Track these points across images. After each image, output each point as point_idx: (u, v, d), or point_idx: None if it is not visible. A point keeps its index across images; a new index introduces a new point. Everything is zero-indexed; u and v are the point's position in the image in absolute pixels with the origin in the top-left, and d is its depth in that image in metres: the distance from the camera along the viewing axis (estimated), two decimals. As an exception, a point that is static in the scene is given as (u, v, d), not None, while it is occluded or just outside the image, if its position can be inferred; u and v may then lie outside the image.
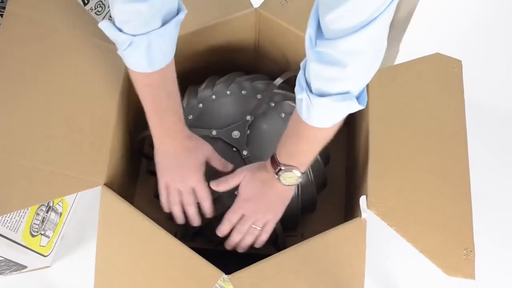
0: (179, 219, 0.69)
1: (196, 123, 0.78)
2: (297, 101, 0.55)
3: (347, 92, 0.50)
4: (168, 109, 0.62)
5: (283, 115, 0.78)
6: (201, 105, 0.79)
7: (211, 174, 0.69)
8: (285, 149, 0.59)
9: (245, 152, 0.74)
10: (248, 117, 0.76)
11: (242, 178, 0.66)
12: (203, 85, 0.82)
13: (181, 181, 0.66)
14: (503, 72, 1.27)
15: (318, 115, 0.53)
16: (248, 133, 0.76)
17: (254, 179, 0.64)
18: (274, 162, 0.60)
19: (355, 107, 0.51)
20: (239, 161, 0.74)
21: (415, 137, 0.70)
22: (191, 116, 0.78)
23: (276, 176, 0.60)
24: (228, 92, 0.80)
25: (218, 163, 0.69)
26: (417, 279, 0.99)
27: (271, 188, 0.63)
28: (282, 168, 0.59)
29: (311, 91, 0.51)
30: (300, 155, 0.59)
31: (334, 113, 0.53)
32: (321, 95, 0.50)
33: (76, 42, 0.73)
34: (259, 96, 0.79)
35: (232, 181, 0.66)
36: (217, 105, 0.79)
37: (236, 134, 0.75)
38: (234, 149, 0.75)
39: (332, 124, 0.55)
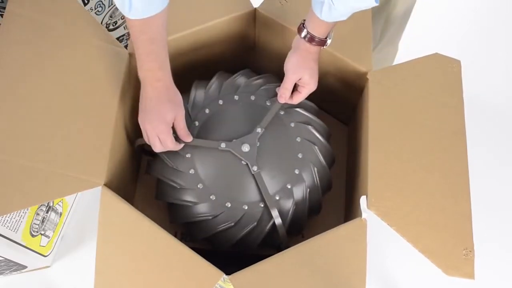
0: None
1: (203, 131, 0.75)
2: (315, 4, 0.64)
3: None
4: (149, 55, 0.63)
5: (292, 124, 0.77)
6: (207, 110, 0.77)
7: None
8: (319, 30, 0.68)
9: (255, 168, 0.72)
10: (259, 130, 0.74)
11: (299, 77, 0.72)
12: (211, 82, 0.79)
13: (152, 128, 0.67)
14: (502, 72, 1.28)
15: (338, 13, 0.63)
16: (258, 145, 0.73)
17: (311, 68, 0.72)
18: (319, 41, 0.68)
19: (371, 3, 0.60)
20: (248, 175, 0.73)
21: (414, 137, 0.70)
22: (197, 122, 0.76)
23: (325, 46, 0.70)
24: (236, 97, 0.78)
25: (181, 130, 0.70)
26: (417, 279, 1.00)
27: (317, 61, 0.73)
28: (328, 38, 0.70)
29: None
30: (332, 26, 0.69)
31: (353, 9, 0.63)
32: None
33: (76, 42, 0.73)
34: (268, 103, 0.77)
35: (289, 87, 0.74)
36: (225, 112, 0.77)
37: (246, 147, 0.72)
38: (243, 162, 0.73)
39: (348, 16, 0.64)
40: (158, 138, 0.67)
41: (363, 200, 0.66)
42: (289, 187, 0.73)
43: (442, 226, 0.63)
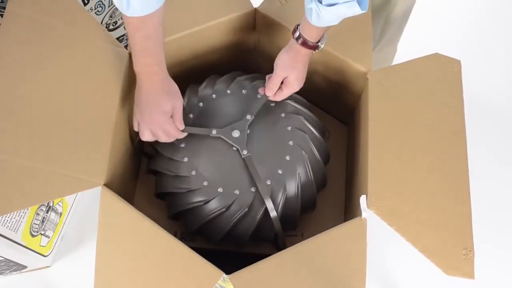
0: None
1: (197, 122, 0.78)
2: (306, 9, 0.65)
3: (351, 0, 0.60)
4: (145, 50, 0.65)
5: (283, 114, 0.78)
6: (201, 104, 0.79)
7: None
8: (311, 34, 0.69)
9: (245, 152, 0.74)
10: (248, 117, 0.76)
11: (286, 75, 0.73)
12: (204, 84, 0.82)
13: (149, 122, 0.70)
14: (502, 72, 1.28)
15: (326, 20, 0.64)
16: (248, 132, 0.76)
17: (298, 70, 0.73)
18: (311, 45, 0.70)
19: (357, 11, 0.61)
20: (239, 161, 0.74)
21: (414, 137, 0.70)
22: (192, 115, 0.78)
23: (317, 50, 0.71)
24: (228, 91, 0.80)
25: (177, 121, 0.72)
26: (417, 279, 1.00)
27: (306, 64, 0.74)
28: (320, 43, 0.71)
29: (320, 2, 0.61)
30: (325, 31, 0.70)
31: (340, 16, 0.63)
32: (330, 4, 0.61)
33: (76, 42, 0.73)
34: (259, 96, 0.79)
35: (277, 82, 0.75)
36: (218, 104, 0.79)
37: (236, 133, 0.75)
38: (234, 148, 0.75)
39: (338, 21, 0.65)
40: (161, 130, 0.70)
41: (363, 200, 0.66)
42: (280, 172, 0.74)
43: (442, 226, 0.63)
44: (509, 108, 1.21)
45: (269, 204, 0.71)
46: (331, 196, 0.86)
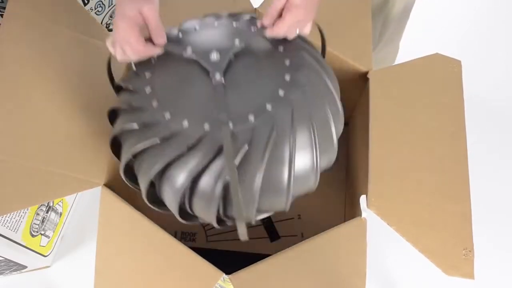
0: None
1: None
2: None
3: None
4: None
5: (281, 49, 0.60)
6: (180, 35, 0.62)
7: None
8: None
9: (218, 76, 0.56)
10: (237, 42, 0.59)
11: None
12: (190, 18, 0.65)
13: (116, 36, 0.56)
14: (502, 72, 1.28)
15: None
16: (232, 58, 0.58)
17: None
18: None
19: None
20: (212, 91, 0.57)
21: (415, 137, 0.70)
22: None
23: None
24: (216, 24, 0.63)
25: (152, 28, 0.57)
26: (417, 279, 1.00)
27: None
28: None
29: None
30: None
31: None
32: None
33: (76, 42, 0.73)
34: (253, 29, 0.61)
35: (279, 5, 0.56)
36: (200, 35, 0.62)
37: (215, 56, 0.58)
38: (211, 75, 0.57)
39: None
40: (127, 43, 0.56)
41: (363, 200, 0.66)
42: (269, 109, 0.54)
43: (442, 226, 0.63)
44: (509, 108, 1.21)
45: (228, 154, 0.51)
46: (331, 195, 0.86)
